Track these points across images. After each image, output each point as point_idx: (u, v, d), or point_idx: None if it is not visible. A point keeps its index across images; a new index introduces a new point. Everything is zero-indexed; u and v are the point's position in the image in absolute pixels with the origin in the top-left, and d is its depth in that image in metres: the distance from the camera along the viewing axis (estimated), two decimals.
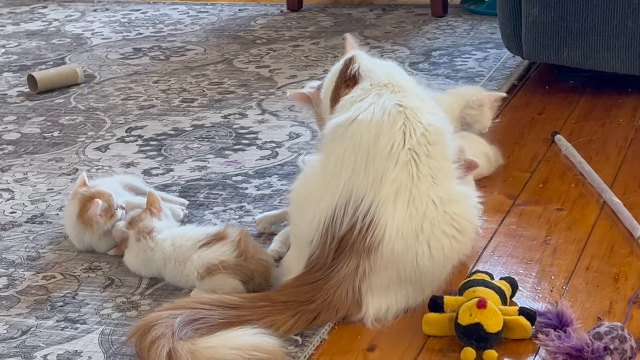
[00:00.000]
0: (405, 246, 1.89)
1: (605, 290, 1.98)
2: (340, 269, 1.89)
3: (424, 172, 1.92)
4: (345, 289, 1.89)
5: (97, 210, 2.17)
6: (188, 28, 4.14)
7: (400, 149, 1.91)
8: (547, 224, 2.28)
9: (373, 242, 1.88)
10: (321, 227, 1.92)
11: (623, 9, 2.94)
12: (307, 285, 1.91)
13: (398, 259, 1.90)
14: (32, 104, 3.25)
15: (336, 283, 1.89)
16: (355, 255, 1.89)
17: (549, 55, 3.09)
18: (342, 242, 1.90)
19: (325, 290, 1.89)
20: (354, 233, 1.89)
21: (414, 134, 1.93)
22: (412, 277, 1.92)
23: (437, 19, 4.09)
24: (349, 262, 1.89)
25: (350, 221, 1.89)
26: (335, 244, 1.90)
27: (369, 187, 1.89)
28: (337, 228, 1.90)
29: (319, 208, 1.94)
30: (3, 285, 2.10)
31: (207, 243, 2.04)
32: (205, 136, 2.91)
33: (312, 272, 1.92)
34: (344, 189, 1.91)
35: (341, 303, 1.89)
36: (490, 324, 1.78)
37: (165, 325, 1.77)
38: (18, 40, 4.04)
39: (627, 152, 2.67)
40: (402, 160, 1.91)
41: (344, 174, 1.92)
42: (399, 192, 1.90)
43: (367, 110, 1.95)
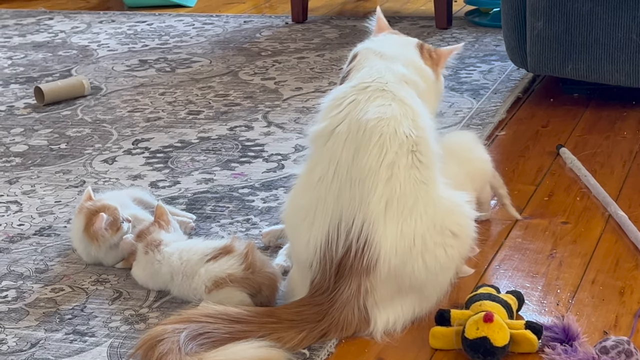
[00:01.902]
0: (401, 262, 1.90)
1: (611, 304, 1.99)
2: (343, 292, 1.90)
3: (408, 186, 1.91)
4: (351, 309, 1.90)
5: (102, 224, 2.18)
6: (193, 40, 4.15)
7: (379, 166, 1.90)
8: (553, 237, 2.29)
9: (370, 261, 1.89)
10: (318, 251, 1.93)
11: (627, 22, 2.95)
12: (313, 306, 1.92)
13: (396, 275, 1.91)
14: (39, 116, 3.26)
15: (341, 305, 1.90)
16: (355, 276, 1.90)
17: (553, 68, 3.10)
18: (341, 266, 1.91)
19: (332, 313, 1.90)
20: (350, 256, 1.89)
21: (391, 148, 1.90)
22: (413, 288, 1.94)
23: (442, 30, 4.10)
24: (351, 284, 1.90)
25: (345, 244, 1.90)
26: (334, 268, 1.91)
27: (357, 208, 1.90)
28: (334, 253, 1.91)
29: (312, 232, 1.94)
30: (12, 298, 2.11)
31: (215, 256, 2.04)
32: (211, 148, 2.92)
33: (316, 295, 1.93)
34: (333, 211, 1.91)
35: (349, 323, 1.90)
36: (497, 338, 1.79)
37: (172, 340, 1.77)
38: (24, 52, 4.06)
39: (632, 165, 2.68)
40: (384, 178, 1.89)
41: (330, 195, 1.92)
42: (387, 209, 1.90)
43: (343, 123, 1.93)
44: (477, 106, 3.17)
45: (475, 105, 3.17)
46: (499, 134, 2.95)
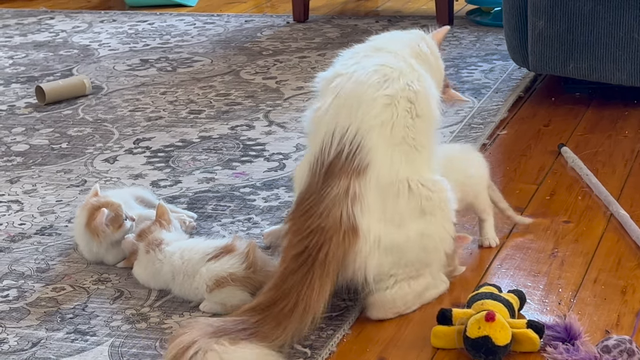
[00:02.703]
0: (389, 179, 1.91)
1: (613, 303, 1.99)
2: (331, 190, 1.89)
3: (401, 130, 1.94)
4: (339, 210, 1.88)
5: (103, 218, 2.18)
6: (195, 39, 4.15)
7: (379, 94, 1.94)
8: (555, 236, 2.29)
9: (361, 163, 1.90)
10: (312, 162, 1.94)
11: (629, 21, 2.95)
12: (300, 217, 1.90)
13: (384, 189, 1.91)
14: (40, 116, 3.26)
15: (329, 204, 1.88)
16: (345, 176, 1.90)
17: (555, 68, 3.10)
18: (331, 167, 1.91)
19: (318, 214, 1.88)
20: (342, 157, 1.90)
21: (392, 85, 1.95)
22: (394, 216, 1.92)
23: None
24: (339, 183, 1.89)
25: (337, 147, 1.92)
26: (324, 169, 1.92)
27: (352, 120, 1.93)
28: (326, 156, 1.92)
29: (308, 154, 1.99)
30: (13, 297, 2.11)
31: (216, 256, 2.04)
32: (212, 148, 2.92)
33: (303, 200, 1.92)
34: (329, 125, 1.94)
35: (336, 226, 1.87)
36: (498, 337, 1.78)
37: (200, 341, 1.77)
38: (26, 51, 4.06)
39: (634, 165, 2.68)
40: (383, 103, 1.94)
41: (329, 115, 1.96)
42: (382, 128, 1.92)
43: (351, 67, 2.00)
44: (479, 105, 3.16)
45: (477, 105, 3.17)
46: (500, 133, 2.95)
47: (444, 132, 2.93)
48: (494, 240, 2.24)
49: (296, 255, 1.89)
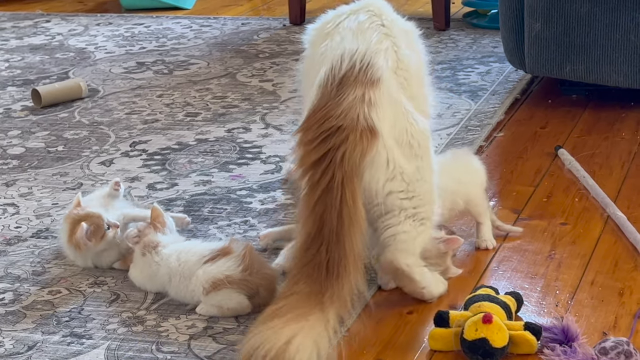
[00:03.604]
0: (397, 97, 1.94)
1: (610, 305, 1.99)
2: (348, 96, 1.89)
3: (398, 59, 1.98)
4: (356, 112, 1.87)
5: (82, 233, 2.16)
6: (191, 42, 4.15)
7: (379, 27, 1.99)
8: (552, 238, 2.29)
9: (374, 76, 1.91)
10: (322, 79, 1.94)
11: (626, 23, 2.95)
12: (314, 124, 1.89)
13: (394, 105, 1.93)
14: (36, 118, 3.26)
15: (345, 108, 1.87)
16: (359, 85, 1.90)
17: (551, 70, 3.10)
18: (344, 79, 1.92)
19: (335, 117, 1.87)
20: (354, 71, 1.92)
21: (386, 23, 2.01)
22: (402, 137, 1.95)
23: (440, 32, 4.10)
24: (355, 91, 1.90)
25: (349, 64, 1.93)
26: (337, 82, 1.92)
27: (360, 43, 1.95)
28: (337, 71, 1.93)
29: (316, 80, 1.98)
30: (9, 301, 2.10)
31: (212, 258, 2.04)
32: (209, 150, 2.91)
33: (317, 110, 1.91)
34: (335, 51, 1.96)
35: (353, 125, 1.86)
36: (496, 339, 1.78)
37: None
38: (22, 54, 4.05)
39: (631, 166, 2.67)
40: (383, 33, 1.98)
41: (334, 43, 1.98)
42: (386, 52, 1.96)
43: (344, 14, 2.06)
44: (476, 107, 3.16)
45: (474, 107, 3.17)
46: (497, 135, 2.94)
47: (440, 134, 2.93)
48: (490, 243, 2.24)
49: (316, 161, 1.86)
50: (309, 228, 1.85)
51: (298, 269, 1.84)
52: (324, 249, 1.82)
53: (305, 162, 1.89)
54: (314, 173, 1.86)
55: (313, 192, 1.86)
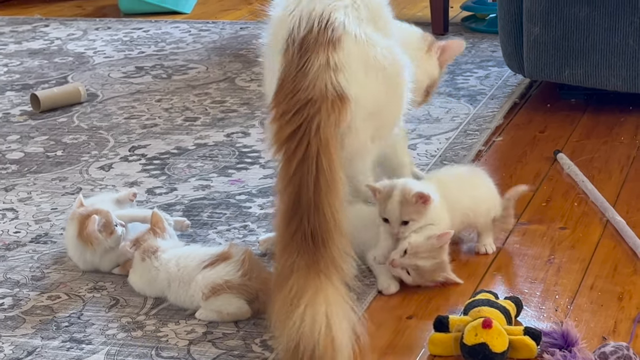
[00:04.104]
0: (361, 49, 1.97)
1: (609, 309, 1.99)
2: (312, 63, 1.91)
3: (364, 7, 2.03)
4: (323, 82, 1.90)
5: (94, 226, 2.18)
6: (190, 46, 4.15)
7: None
8: (551, 242, 2.29)
9: (334, 36, 1.93)
10: (282, 47, 1.95)
11: (624, 27, 2.95)
12: (285, 97, 1.91)
13: (359, 57, 1.95)
14: (35, 123, 3.26)
15: (313, 78, 1.89)
16: (321, 49, 1.92)
17: (550, 74, 3.10)
18: (304, 42, 1.93)
19: (304, 88, 1.89)
20: (313, 32, 1.93)
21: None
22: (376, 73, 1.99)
23: (438, 36, 4.08)
24: (319, 56, 1.91)
25: (307, 25, 1.94)
26: (297, 45, 1.93)
27: (317, 4, 1.97)
28: (296, 34, 1.94)
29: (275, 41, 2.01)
30: (8, 306, 2.10)
31: (212, 263, 2.04)
32: (208, 155, 2.91)
33: (285, 82, 1.92)
34: (294, 14, 1.98)
35: (323, 96, 1.89)
36: (495, 344, 1.78)
37: None
38: (20, 59, 4.05)
39: (630, 170, 2.68)
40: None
41: (290, 8, 1.99)
42: (346, 8, 1.98)
43: None
44: (474, 112, 3.16)
45: (472, 111, 3.17)
46: (496, 140, 2.95)
47: (439, 138, 2.93)
48: (490, 247, 2.24)
49: (291, 134, 1.88)
50: (287, 200, 1.86)
51: (286, 242, 1.84)
52: (305, 219, 1.83)
53: (280, 136, 1.90)
54: (289, 145, 1.88)
55: (289, 164, 1.87)
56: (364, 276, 2.14)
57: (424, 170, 2.68)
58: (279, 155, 1.91)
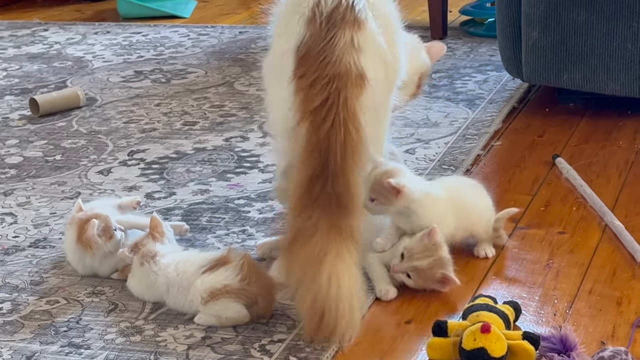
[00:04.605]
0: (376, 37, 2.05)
1: (608, 314, 1.99)
2: (339, 40, 1.98)
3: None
4: (348, 60, 1.97)
5: (94, 230, 2.18)
6: (189, 51, 4.15)
7: None
8: (550, 247, 2.29)
9: (359, 17, 2.02)
10: (308, 16, 2.01)
11: (623, 32, 2.96)
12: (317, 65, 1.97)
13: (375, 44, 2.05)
14: (34, 127, 3.26)
15: (339, 54, 1.97)
16: (348, 27, 2.00)
17: (549, 78, 3.10)
18: (332, 16, 2.00)
19: (333, 62, 1.96)
20: (340, 8, 2.01)
21: None
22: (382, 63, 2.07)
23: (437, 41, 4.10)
24: (345, 33, 1.99)
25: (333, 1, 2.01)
26: (325, 17, 2.00)
27: None
28: (324, 5, 2.01)
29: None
30: (7, 310, 2.10)
31: (210, 268, 2.04)
32: (207, 159, 2.92)
33: (313, 50, 1.99)
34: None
35: (348, 73, 1.97)
36: (494, 349, 1.78)
37: None
38: (19, 63, 4.05)
39: (628, 175, 2.68)
40: None
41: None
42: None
43: None
44: (473, 116, 3.17)
45: (471, 115, 3.17)
46: (494, 144, 2.95)
47: (438, 142, 2.93)
48: (490, 251, 2.24)
49: (321, 103, 1.95)
50: (313, 163, 1.94)
51: (306, 202, 1.92)
52: (330, 183, 1.92)
53: (309, 104, 1.98)
54: (318, 114, 1.96)
55: (317, 131, 1.95)
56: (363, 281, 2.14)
57: (421, 175, 2.68)
58: (305, 123, 1.98)
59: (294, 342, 1.92)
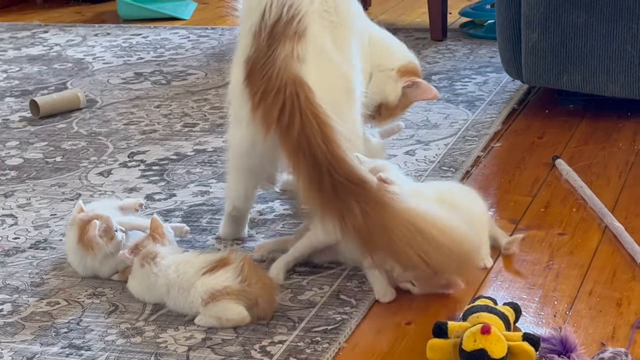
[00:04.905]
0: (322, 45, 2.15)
1: (608, 315, 1.99)
2: (280, 52, 2.09)
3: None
4: (290, 71, 2.07)
5: (95, 231, 2.18)
6: (189, 52, 4.16)
7: None
8: (550, 248, 2.29)
9: (299, 29, 2.11)
10: (254, 30, 2.14)
11: (622, 33, 2.96)
12: (261, 78, 2.09)
13: (319, 52, 2.14)
14: (34, 129, 3.26)
15: (281, 65, 2.07)
16: (288, 40, 2.10)
17: (548, 80, 3.11)
18: (273, 31, 2.11)
19: (275, 75, 2.06)
20: (281, 22, 2.11)
21: None
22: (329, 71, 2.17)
23: (437, 42, 4.11)
24: (285, 46, 2.09)
25: (277, 12, 2.12)
26: (266, 33, 2.12)
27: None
28: (267, 20, 2.12)
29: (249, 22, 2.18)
30: (7, 312, 2.10)
31: (211, 269, 2.04)
32: (207, 161, 2.92)
33: (256, 64, 2.10)
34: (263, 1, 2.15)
35: (296, 79, 2.06)
36: (494, 350, 1.78)
37: None
38: (20, 65, 4.06)
39: (628, 176, 2.68)
40: None
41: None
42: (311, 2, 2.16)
43: None
44: (473, 118, 3.17)
45: (471, 117, 3.18)
46: (494, 146, 2.95)
47: (438, 144, 2.93)
48: (489, 261, 2.22)
49: (280, 110, 2.05)
50: (306, 166, 2.01)
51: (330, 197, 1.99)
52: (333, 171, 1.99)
53: (270, 115, 2.07)
54: (282, 121, 2.04)
55: (289, 133, 2.04)
56: (363, 282, 2.14)
57: (421, 176, 2.68)
58: (271, 132, 2.07)
59: (294, 343, 1.93)
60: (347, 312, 2.03)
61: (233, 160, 2.31)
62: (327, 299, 2.09)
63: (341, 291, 2.12)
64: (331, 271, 2.21)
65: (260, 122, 2.09)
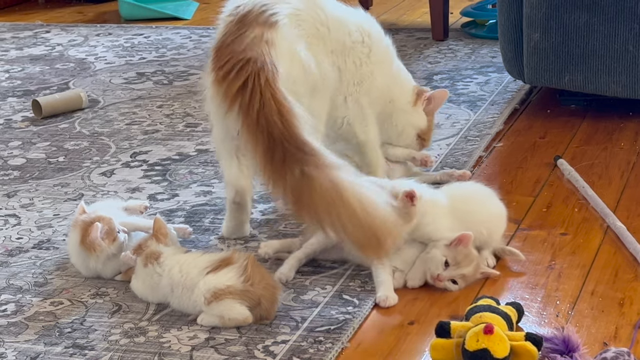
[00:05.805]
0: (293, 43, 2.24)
1: (610, 315, 1.99)
2: (249, 33, 2.18)
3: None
4: (258, 48, 2.15)
5: (97, 233, 2.18)
6: (191, 52, 4.16)
7: None
8: (552, 248, 2.29)
9: (271, 19, 2.21)
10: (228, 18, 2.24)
11: (624, 33, 2.96)
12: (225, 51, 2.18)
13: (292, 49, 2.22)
14: (37, 129, 3.26)
15: (249, 43, 2.16)
16: (258, 25, 2.19)
17: (550, 80, 3.11)
18: (244, 19, 2.21)
19: (242, 50, 2.15)
20: (253, 12, 2.21)
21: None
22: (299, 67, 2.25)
23: (438, 42, 4.11)
24: (254, 30, 2.19)
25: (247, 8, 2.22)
26: (237, 20, 2.21)
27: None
28: (241, 10, 2.22)
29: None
30: (11, 312, 2.11)
31: (214, 269, 2.04)
32: (209, 161, 2.92)
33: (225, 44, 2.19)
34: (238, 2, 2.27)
35: (260, 57, 2.14)
36: (497, 350, 1.79)
37: None
38: (22, 65, 4.06)
39: (630, 176, 2.68)
40: None
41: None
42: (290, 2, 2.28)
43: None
44: (475, 118, 3.17)
45: (473, 117, 3.18)
46: (496, 146, 2.95)
47: (440, 144, 2.94)
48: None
49: (240, 88, 2.12)
50: (263, 140, 2.08)
51: (282, 167, 2.05)
52: (286, 143, 2.05)
53: (230, 92, 2.14)
54: (243, 98, 2.11)
55: (249, 112, 2.10)
56: (365, 282, 2.15)
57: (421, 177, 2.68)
58: (234, 111, 2.13)
59: (297, 343, 1.93)
60: (350, 312, 2.03)
61: (217, 145, 2.38)
62: (330, 299, 2.09)
63: (344, 291, 2.13)
64: (334, 271, 2.21)
65: (222, 97, 2.16)
